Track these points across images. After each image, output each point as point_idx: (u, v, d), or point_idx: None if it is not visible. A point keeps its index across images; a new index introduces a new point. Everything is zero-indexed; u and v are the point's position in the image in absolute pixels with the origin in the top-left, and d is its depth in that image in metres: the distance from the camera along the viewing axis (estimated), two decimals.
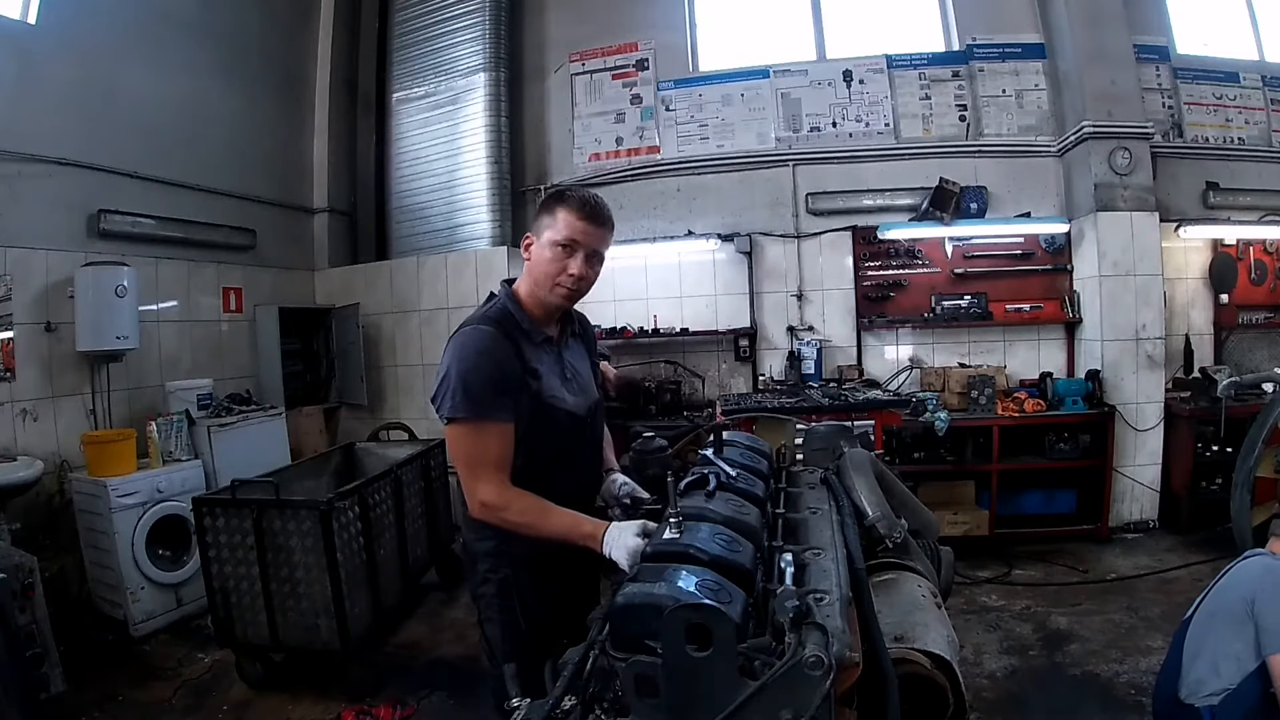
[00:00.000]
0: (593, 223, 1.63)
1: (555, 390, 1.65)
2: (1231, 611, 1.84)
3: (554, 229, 1.62)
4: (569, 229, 1.61)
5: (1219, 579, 1.97)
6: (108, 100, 4.20)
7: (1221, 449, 4.42)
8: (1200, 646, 1.90)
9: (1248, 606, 1.79)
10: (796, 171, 5.23)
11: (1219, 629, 1.86)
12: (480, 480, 1.53)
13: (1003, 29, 5.13)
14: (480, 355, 1.53)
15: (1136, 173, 4.63)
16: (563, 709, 0.89)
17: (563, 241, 1.61)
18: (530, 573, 1.64)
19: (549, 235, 1.63)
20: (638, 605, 0.94)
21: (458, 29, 5.50)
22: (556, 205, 1.63)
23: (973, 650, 3.19)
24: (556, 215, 1.62)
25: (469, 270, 5.20)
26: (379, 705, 2.94)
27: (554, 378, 1.67)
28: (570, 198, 1.64)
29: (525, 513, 1.52)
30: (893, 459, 4.44)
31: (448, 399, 1.53)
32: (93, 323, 3.86)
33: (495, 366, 1.54)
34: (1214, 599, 1.94)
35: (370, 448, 4.50)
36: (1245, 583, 1.85)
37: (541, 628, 1.62)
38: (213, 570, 3.11)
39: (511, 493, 1.53)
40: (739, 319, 5.25)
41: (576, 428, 1.69)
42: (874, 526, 1.47)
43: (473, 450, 1.54)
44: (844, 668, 0.89)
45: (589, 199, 1.65)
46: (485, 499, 1.53)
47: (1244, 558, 1.96)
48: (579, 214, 1.61)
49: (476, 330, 1.58)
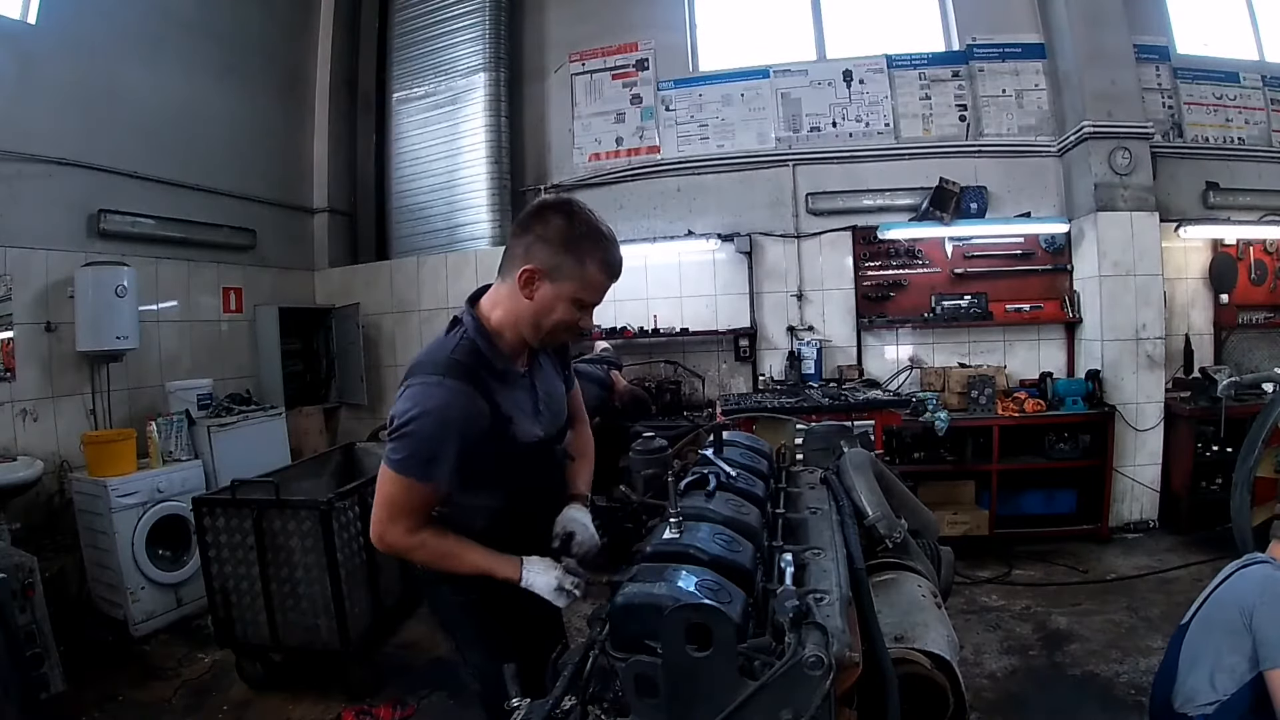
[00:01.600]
0: (617, 278, 1.50)
1: (527, 428, 1.54)
2: (1229, 622, 1.80)
3: (581, 286, 1.44)
4: (599, 292, 1.47)
5: (1217, 586, 1.94)
6: (108, 100, 4.20)
7: (1221, 449, 4.42)
8: (1196, 656, 1.87)
9: (1246, 618, 1.76)
10: (796, 171, 5.23)
11: (1216, 639, 1.83)
12: (395, 524, 1.46)
13: (1003, 29, 5.13)
14: (444, 426, 1.39)
15: (1136, 173, 4.63)
16: (562, 709, 0.89)
17: (590, 302, 1.48)
18: (482, 597, 1.56)
19: (571, 290, 1.44)
20: (638, 605, 0.94)
21: (458, 29, 5.50)
22: (585, 254, 1.43)
23: (973, 650, 3.19)
24: (586, 269, 1.43)
25: (469, 270, 5.20)
26: (379, 705, 2.94)
27: (524, 416, 1.55)
28: (599, 246, 1.45)
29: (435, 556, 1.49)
30: (893, 459, 4.43)
31: (400, 448, 1.41)
32: (93, 323, 3.86)
33: (457, 437, 1.40)
34: (1212, 608, 1.91)
35: (370, 448, 4.49)
36: (1244, 593, 1.82)
37: (510, 633, 1.58)
38: (213, 570, 3.11)
39: (420, 536, 1.47)
40: (739, 319, 5.25)
41: (545, 452, 1.62)
42: (874, 526, 1.47)
43: (400, 499, 1.44)
44: (844, 668, 0.89)
45: (615, 248, 1.48)
46: (392, 541, 1.47)
47: (1243, 564, 1.92)
48: (610, 275, 1.47)
49: (446, 389, 1.40)
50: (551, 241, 1.42)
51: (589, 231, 1.43)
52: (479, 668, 1.66)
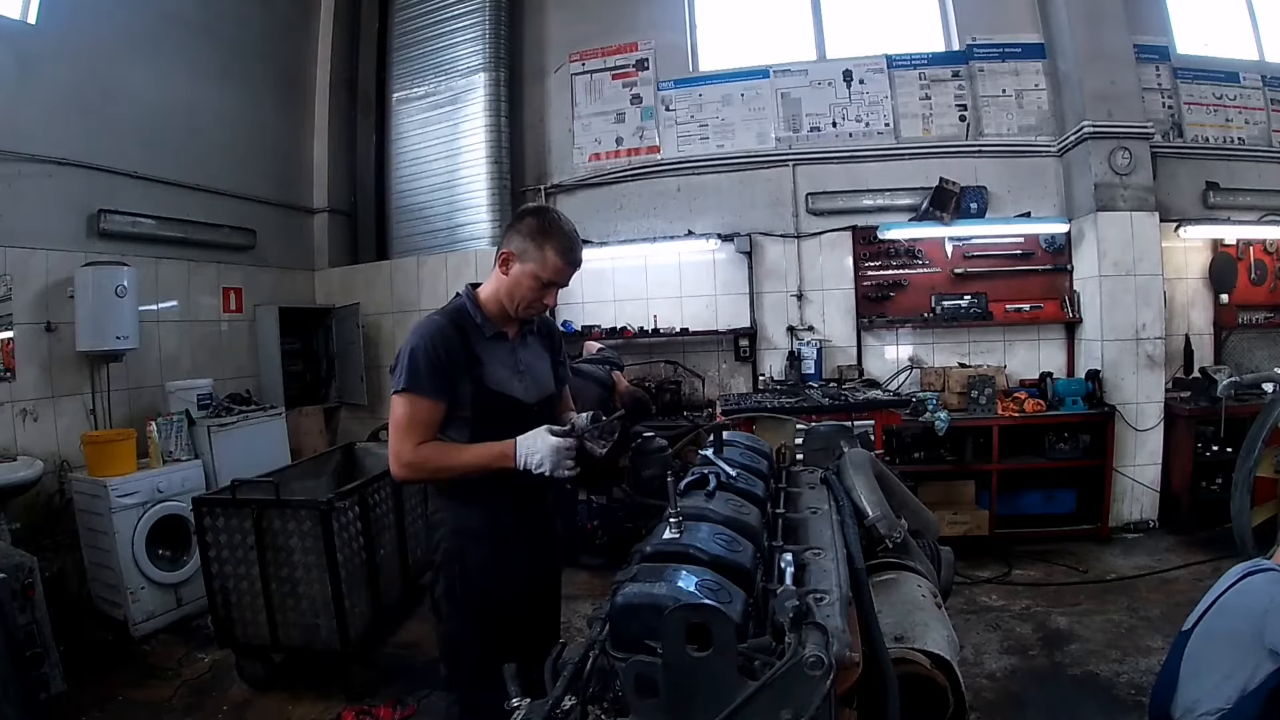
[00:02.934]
0: (574, 266, 1.83)
1: (501, 379, 1.82)
2: (1233, 632, 1.78)
3: (541, 267, 1.78)
4: (555, 273, 1.80)
5: (1222, 594, 1.90)
6: (108, 100, 4.20)
7: (1221, 449, 4.42)
8: (1199, 665, 1.84)
9: (1255, 629, 1.73)
10: (796, 171, 5.23)
11: (1221, 650, 1.80)
12: (403, 443, 1.73)
13: (1003, 29, 5.13)
14: (426, 339, 1.74)
15: (1136, 173, 4.63)
16: (562, 709, 0.89)
17: (547, 281, 1.80)
18: (476, 543, 1.82)
19: (533, 269, 1.79)
20: (638, 605, 0.94)
21: (457, 29, 5.50)
22: (545, 242, 1.78)
23: (973, 650, 3.18)
24: (545, 254, 1.77)
25: (469, 270, 5.20)
26: (379, 705, 2.94)
27: (502, 368, 1.84)
28: (558, 238, 1.78)
29: (438, 458, 1.75)
30: (893, 459, 4.43)
31: (398, 374, 1.75)
32: (93, 323, 3.86)
33: (438, 351, 1.73)
34: (1217, 618, 1.87)
35: (370, 448, 4.49)
36: (1253, 602, 1.79)
37: (482, 596, 1.81)
38: (213, 570, 3.11)
39: (425, 448, 1.73)
40: (739, 319, 5.26)
41: (524, 414, 1.82)
42: (874, 526, 1.47)
43: (403, 418, 1.73)
44: (844, 668, 0.89)
45: (575, 245, 1.82)
46: (404, 459, 1.73)
47: (1247, 572, 1.89)
48: (566, 261, 1.80)
49: (430, 320, 1.80)
50: (522, 233, 1.81)
51: (551, 228, 1.80)
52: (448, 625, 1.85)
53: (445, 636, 1.88)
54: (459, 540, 1.83)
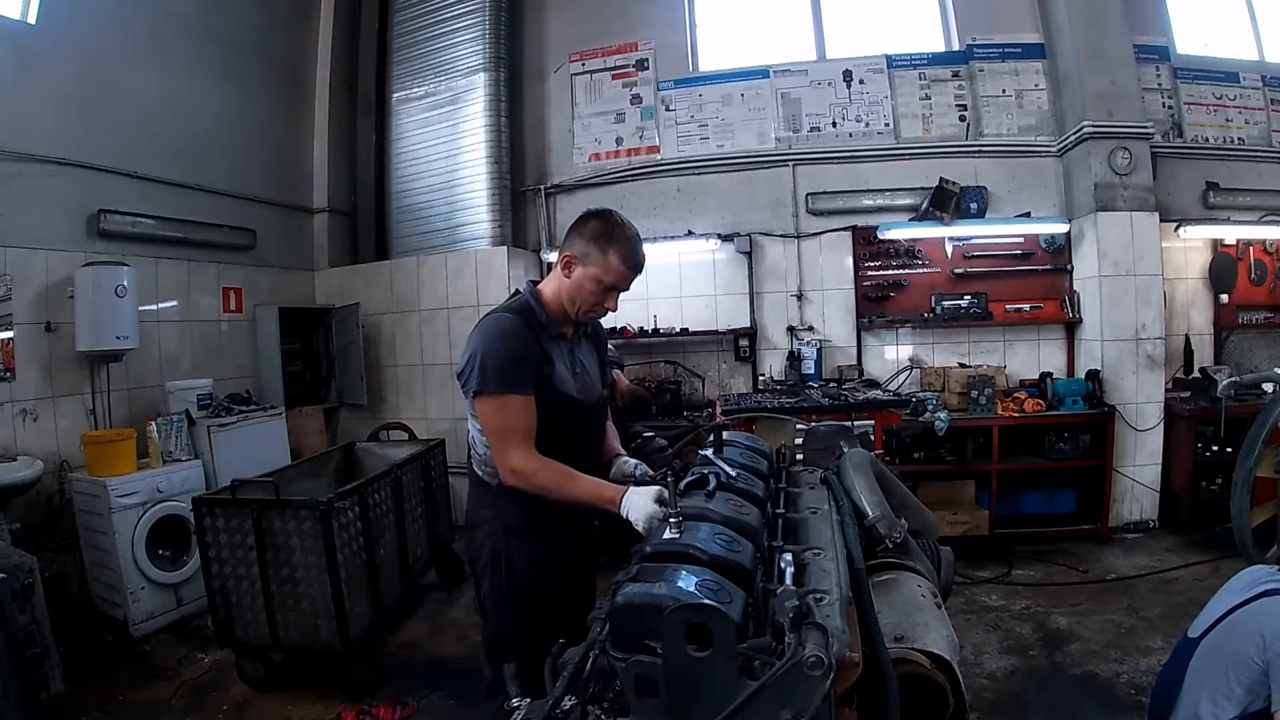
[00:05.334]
0: (636, 271, 1.82)
1: (564, 379, 1.82)
2: (1239, 652, 1.74)
3: (603, 270, 1.77)
4: (618, 277, 1.79)
5: (1235, 609, 1.84)
6: (108, 100, 4.20)
7: (1221, 449, 4.42)
8: (1201, 684, 1.80)
9: (1261, 651, 1.69)
10: (796, 171, 5.23)
11: (1226, 669, 1.76)
12: (510, 449, 1.69)
13: (1003, 29, 5.13)
14: (504, 337, 1.71)
15: (1136, 173, 4.63)
16: (563, 709, 0.89)
17: (609, 285, 1.80)
18: (521, 540, 1.81)
19: (595, 273, 1.77)
20: (638, 605, 0.94)
21: (458, 29, 5.50)
22: (608, 246, 1.77)
23: (973, 650, 3.19)
24: (608, 258, 1.77)
25: (469, 270, 5.20)
26: (379, 705, 2.94)
27: (564, 369, 1.83)
28: (621, 243, 1.78)
29: (552, 479, 1.70)
30: (893, 459, 4.43)
31: (475, 376, 1.69)
32: (93, 323, 3.86)
33: (518, 348, 1.71)
34: (1225, 636, 1.82)
35: (370, 448, 4.50)
36: (1265, 623, 1.73)
37: (528, 591, 1.80)
38: (213, 570, 3.11)
39: (539, 460, 1.70)
40: (739, 319, 5.25)
41: (581, 415, 1.86)
42: (874, 526, 1.47)
43: (500, 422, 1.70)
44: (844, 668, 0.89)
45: (638, 249, 1.81)
46: (515, 466, 1.69)
47: (1264, 591, 1.82)
48: (628, 265, 1.79)
49: (501, 317, 1.77)
50: (585, 236, 1.80)
51: (615, 232, 1.79)
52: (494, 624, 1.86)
53: (491, 635, 1.88)
54: (506, 538, 1.82)
